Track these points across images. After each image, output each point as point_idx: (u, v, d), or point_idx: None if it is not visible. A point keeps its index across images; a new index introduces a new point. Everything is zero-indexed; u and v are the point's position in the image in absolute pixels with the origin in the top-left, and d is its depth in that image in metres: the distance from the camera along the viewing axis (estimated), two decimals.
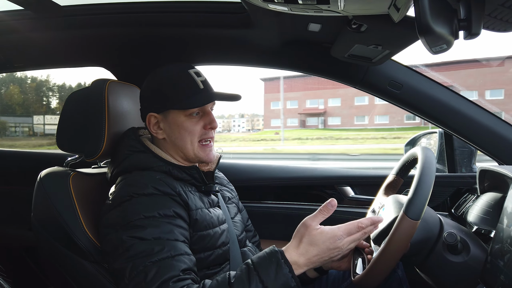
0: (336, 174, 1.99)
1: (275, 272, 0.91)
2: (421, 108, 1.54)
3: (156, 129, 1.22)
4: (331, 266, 1.32)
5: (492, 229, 1.15)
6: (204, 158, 1.22)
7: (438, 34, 0.71)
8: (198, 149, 1.20)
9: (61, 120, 1.30)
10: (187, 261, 0.98)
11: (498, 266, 0.90)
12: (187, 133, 1.18)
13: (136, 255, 0.95)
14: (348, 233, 0.98)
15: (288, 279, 0.91)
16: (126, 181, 1.11)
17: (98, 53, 1.78)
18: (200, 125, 1.19)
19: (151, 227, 0.99)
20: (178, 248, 0.98)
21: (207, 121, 1.20)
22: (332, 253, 0.96)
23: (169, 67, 1.23)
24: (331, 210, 0.99)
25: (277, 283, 0.90)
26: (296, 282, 0.92)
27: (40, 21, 1.50)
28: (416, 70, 1.54)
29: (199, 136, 1.19)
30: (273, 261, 0.93)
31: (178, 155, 1.22)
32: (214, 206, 1.24)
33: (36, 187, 1.22)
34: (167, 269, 0.92)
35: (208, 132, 1.21)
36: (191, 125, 1.18)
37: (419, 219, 0.97)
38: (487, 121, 1.48)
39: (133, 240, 0.97)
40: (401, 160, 1.32)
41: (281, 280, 0.91)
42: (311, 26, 1.34)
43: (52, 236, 1.18)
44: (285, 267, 0.92)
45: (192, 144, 1.19)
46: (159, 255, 0.94)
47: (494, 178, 1.32)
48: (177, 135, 1.19)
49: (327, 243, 0.96)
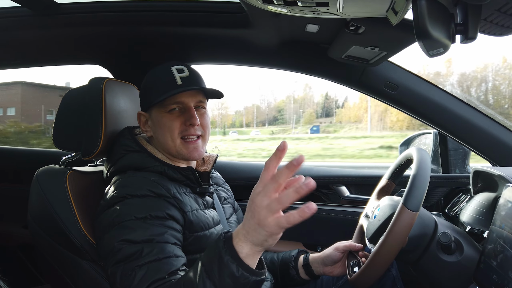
0: (331, 173, 2.00)
1: (218, 264, 0.79)
2: (416, 109, 1.56)
3: (146, 128, 1.24)
4: (323, 271, 1.33)
5: (485, 229, 1.17)
6: (186, 155, 1.19)
7: (436, 38, 0.72)
8: (180, 145, 1.18)
9: (58, 118, 1.29)
10: (175, 262, 0.97)
11: (491, 266, 0.92)
12: (166, 128, 1.17)
13: (125, 259, 0.95)
14: (263, 185, 0.76)
15: (233, 269, 0.78)
16: (120, 182, 1.11)
17: (95, 51, 1.78)
18: (179, 121, 1.17)
19: (141, 229, 0.98)
20: (167, 250, 0.97)
21: (187, 117, 1.17)
22: (254, 218, 0.75)
23: (156, 67, 1.23)
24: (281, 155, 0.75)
25: (222, 276, 0.78)
26: (244, 269, 0.78)
27: (38, 19, 1.49)
28: (412, 72, 1.56)
29: (179, 132, 1.17)
30: (216, 251, 0.80)
31: (165, 152, 1.22)
32: (209, 207, 1.23)
33: (32, 185, 1.21)
34: (154, 272, 0.92)
35: (189, 129, 1.17)
36: (169, 120, 1.17)
37: (418, 211, 0.99)
38: (481, 122, 1.50)
39: (123, 244, 0.97)
40: (395, 163, 1.33)
41: (225, 272, 0.78)
42: (309, 27, 1.35)
43: (48, 234, 1.18)
44: (227, 256, 0.78)
45: (173, 140, 1.17)
46: (147, 258, 0.94)
47: (487, 179, 1.33)
48: (159, 132, 1.19)
49: (248, 209, 0.77)
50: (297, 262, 1.38)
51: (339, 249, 1.31)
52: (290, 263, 1.37)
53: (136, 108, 1.29)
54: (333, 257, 1.31)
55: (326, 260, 1.33)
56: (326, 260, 1.33)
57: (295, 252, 1.41)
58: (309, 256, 1.38)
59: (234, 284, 0.79)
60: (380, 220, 1.13)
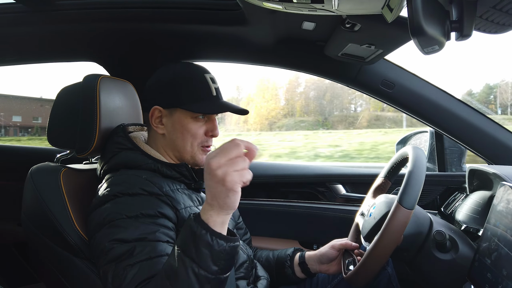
0: (327, 172, 2.00)
1: (192, 239, 0.82)
2: (413, 108, 1.56)
3: (157, 123, 1.20)
4: (319, 270, 1.33)
5: (480, 227, 1.17)
6: (199, 161, 1.21)
7: (430, 35, 0.72)
8: (197, 152, 1.19)
9: (52, 115, 1.28)
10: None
11: (486, 264, 0.92)
12: (189, 135, 1.17)
13: (117, 258, 0.94)
14: (221, 149, 0.80)
15: (207, 239, 0.81)
16: (111, 180, 1.10)
17: (90, 48, 1.77)
18: (203, 130, 1.18)
19: (132, 228, 0.98)
20: (159, 249, 0.96)
21: (210, 127, 1.19)
22: (213, 178, 0.80)
23: (185, 64, 1.21)
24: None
25: (198, 249, 0.81)
26: (217, 236, 0.82)
27: (32, 15, 1.48)
28: (408, 70, 1.55)
29: (200, 142, 1.19)
30: (188, 230, 0.84)
31: (172, 153, 1.21)
32: (203, 204, 1.23)
33: (26, 182, 1.20)
34: (145, 271, 0.91)
35: (209, 139, 1.20)
36: (195, 128, 1.17)
37: (413, 208, 0.99)
38: (477, 121, 1.50)
39: (114, 244, 0.96)
40: (391, 162, 1.33)
41: (200, 244, 0.81)
42: (305, 24, 1.35)
43: (41, 232, 1.17)
44: (199, 228, 0.82)
45: (192, 146, 1.18)
46: (139, 257, 0.93)
47: (483, 177, 1.34)
48: (179, 135, 1.18)
49: (209, 177, 0.81)
50: (293, 260, 1.38)
51: (335, 247, 1.31)
52: (286, 261, 1.37)
53: (131, 105, 1.28)
54: (329, 255, 1.31)
55: (322, 258, 1.33)
56: (322, 258, 1.33)
57: (291, 251, 1.41)
58: (305, 254, 1.38)
59: (211, 254, 0.82)
60: (376, 218, 1.13)
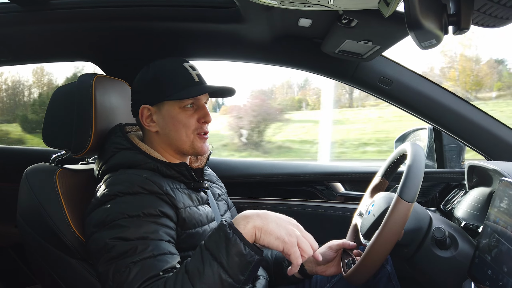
0: (326, 170, 1.99)
1: (225, 245, 0.87)
2: (411, 104, 1.55)
3: (149, 122, 1.20)
4: (316, 271, 1.32)
5: (480, 224, 1.16)
6: (199, 149, 1.20)
7: (428, 29, 0.71)
8: (194, 141, 1.19)
9: (47, 115, 1.27)
10: (170, 260, 0.96)
11: (486, 261, 0.91)
12: (181, 125, 1.17)
13: (119, 256, 0.93)
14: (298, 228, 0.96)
15: (240, 248, 0.86)
16: (111, 180, 1.09)
17: (86, 47, 1.75)
18: (194, 118, 1.18)
19: (134, 227, 0.97)
20: (162, 247, 0.96)
21: (201, 114, 1.19)
22: (279, 225, 0.92)
23: (163, 61, 1.22)
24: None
25: (230, 256, 0.86)
26: (250, 248, 0.87)
27: (27, 15, 1.47)
28: (406, 67, 1.55)
29: (194, 129, 1.18)
30: (221, 234, 0.88)
31: (170, 148, 1.21)
32: (203, 204, 1.22)
33: (21, 183, 1.19)
34: (149, 269, 0.91)
35: (203, 126, 1.19)
36: (186, 117, 1.17)
37: (413, 201, 0.98)
38: (476, 117, 1.49)
39: (116, 241, 0.95)
40: (388, 160, 1.32)
41: (233, 250, 0.86)
42: (302, 21, 1.34)
43: (37, 233, 1.16)
44: (234, 236, 0.87)
45: (187, 136, 1.18)
46: (141, 255, 0.93)
47: (482, 173, 1.33)
48: (171, 128, 1.17)
49: (279, 217, 0.95)
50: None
51: (332, 248, 1.29)
52: (284, 261, 1.36)
53: (128, 104, 1.27)
54: (327, 256, 1.29)
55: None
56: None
57: None
58: None
59: (241, 262, 0.86)
60: (375, 215, 1.12)
